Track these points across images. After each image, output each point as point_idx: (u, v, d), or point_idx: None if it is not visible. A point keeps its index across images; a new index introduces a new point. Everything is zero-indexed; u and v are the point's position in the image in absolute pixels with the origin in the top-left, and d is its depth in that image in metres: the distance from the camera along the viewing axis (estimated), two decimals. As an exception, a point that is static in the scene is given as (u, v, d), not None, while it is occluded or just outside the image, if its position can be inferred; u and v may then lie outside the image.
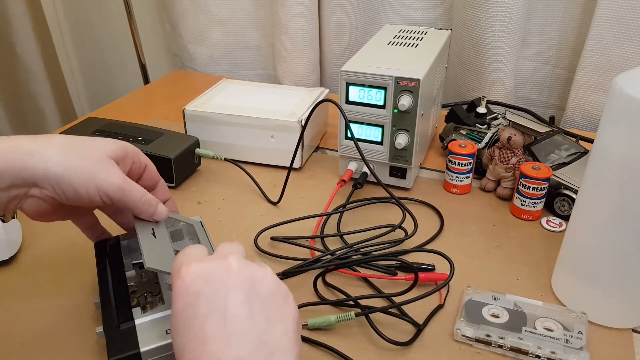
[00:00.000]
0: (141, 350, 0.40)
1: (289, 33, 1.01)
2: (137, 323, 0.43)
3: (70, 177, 0.41)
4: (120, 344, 0.41)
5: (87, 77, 1.45)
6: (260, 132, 0.74)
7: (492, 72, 0.89)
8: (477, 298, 0.51)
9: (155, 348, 0.41)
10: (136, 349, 0.40)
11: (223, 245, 0.39)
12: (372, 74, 0.63)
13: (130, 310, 0.44)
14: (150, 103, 1.02)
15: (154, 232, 0.46)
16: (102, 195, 0.43)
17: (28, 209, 0.44)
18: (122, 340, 0.41)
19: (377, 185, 0.69)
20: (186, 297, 0.34)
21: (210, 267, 0.35)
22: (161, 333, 0.42)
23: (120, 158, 0.46)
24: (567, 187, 0.63)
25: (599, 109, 0.87)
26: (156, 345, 0.41)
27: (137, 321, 0.43)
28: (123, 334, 0.42)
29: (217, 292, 0.34)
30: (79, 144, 0.44)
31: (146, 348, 0.40)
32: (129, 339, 0.41)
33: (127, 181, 0.44)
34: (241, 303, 0.34)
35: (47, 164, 0.41)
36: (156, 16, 1.25)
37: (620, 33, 0.80)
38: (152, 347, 0.41)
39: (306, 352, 0.47)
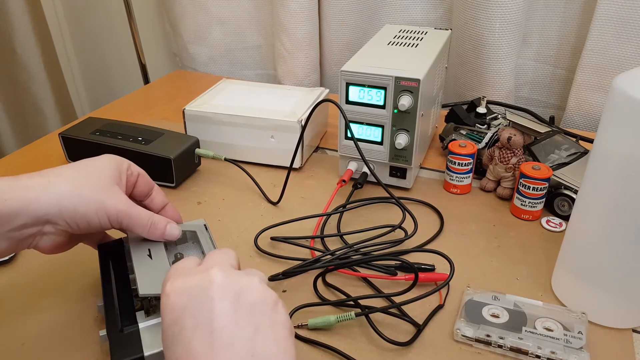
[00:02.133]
0: (145, 354, 0.40)
1: (289, 33, 1.01)
2: (141, 327, 0.42)
3: (82, 209, 0.42)
4: (124, 348, 0.41)
5: (87, 77, 1.45)
6: (260, 132, 0.74)
7: (492, 72, 0.89)
8: (477, 298, 0.51)
9: (159, 352, 0.40)
10: (140, 353, 0.40)
11: (210, 256, 0.39)
12: (372, 74, 0.63)
13: (134, 314, 0.44)
14: (150, 103, 1.02)
15: (150, 252, 0.47)
16: (113, 222, 0.44)
17: (43, 246, 0.44)
18: (125, 345, 0.41)
19: (377, 185, 0.69)
20: (172, 314, 0.34)
21: (193, 281, 0.35)
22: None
23: (118, 176, 0.46)
24: (567, 187, 0.63)
25: (599, 109, 0.87)
26: (160, 349, 0.40)
27: (141, 325, 0.43)
28: (127, 338, 0.42)
29: (201, 306, 0.33)
30: (84, 173, 0.44)
31: (150, 352, 0.40)
32: (132, 343, 0.41)
33: (133, 207, 0.45)
34: (227, 314, 0.33)
35: (59, 199, 0.41)
36: (156, 16, 1.25)
37: (620, 33, 0.80)
38: (155, 351, 0.40)
39: (306, 352, 0.47)
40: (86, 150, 0.73)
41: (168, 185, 0.71)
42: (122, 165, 0.48)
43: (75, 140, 0.74)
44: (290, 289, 0.54)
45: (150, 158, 0.69)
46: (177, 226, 0.48)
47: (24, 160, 0.80)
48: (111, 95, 1.41)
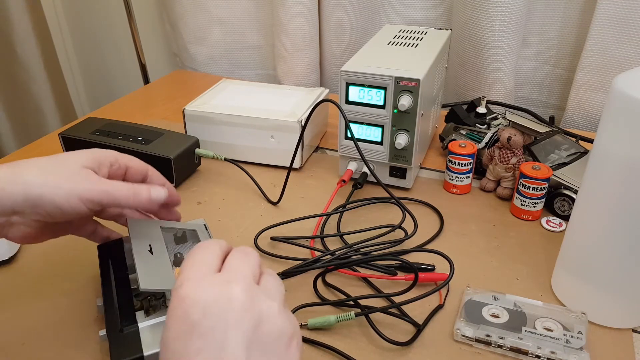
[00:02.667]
0: (145, 354, 0.40)
1: (289, 33, 1.01)
2: (140, 327, 0.42)
3: (50, 196, 0.41)
4: (124, 348, 0.41)
5: (87, 77, 1.45)
6: (260, 132, 0.74)
7: (492, 72, 0.89)
8: (477, 298, 0.51)
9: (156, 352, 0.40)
10: (139, 353, 0.40)
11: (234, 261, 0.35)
12: (372, 74, 0.63)
13: (133, 314, 0.44)
14: (150, 103, 1.02)
15: (151, 248, 0.46)
16: (87, 203, 0.42)
17: (13, 236, 0.44)
18: (125, 344, 0.41)
19: (377, 185, 0.69)
20: (180, 324, 0.31)
21: (212, 294, 0.31)
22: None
23: (96, 165, 0.45)
24: (567, 187, 0.63)
25: (599, 109, 0.87)
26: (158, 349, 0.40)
27: (140, 325, 0.42)
28: (126, 337, 0.42)
29: (214, 328, 0.30)
30: (53, 162, 0.43)
31: (150, 352, 0.40)
32: (132, 343, 0.41)
33: (107, 182, 0.43)
34: (240, 346, 0.30)
35: (25, 189, 0.40)
36: (156, 16, 1.25)
37: (620, 33, 0.80)
38: (155, 351, 0.40)
39: (306, 352, 0.47)
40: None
41: (168, 185, 0.71)
42: (104, 156, 0.46)
43: (75, 140, 0.74)
44: (290, 289, 0.54)
45: (150, 158, 0.69)
46: (161, 189, 0.47)
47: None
48: (111, 95, 1.41)
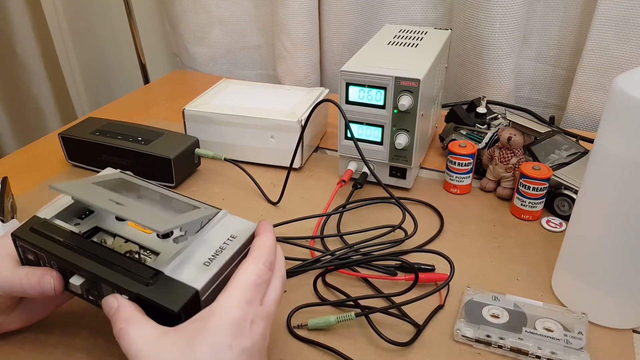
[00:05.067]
0: (198, 288, 0.37)
1: (289, 33, 1.01)
2: (167, 272, 0.39)
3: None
4: (173, 295, 0.37)
5: (87, 77, 1.45)
6: (260, 132, 0.74)
7: (492, 72, 0.89)
8: (477, 298, 0.51)
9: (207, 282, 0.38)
10: (193, 290, 0.37)
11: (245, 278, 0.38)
12: (372, 74, 0.63)
13: (146, 266, 0.39)
14: (150, 103, 1.02)
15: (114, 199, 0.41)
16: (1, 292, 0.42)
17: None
18: (170, 291, 0.37)
19: (377, 185, 0.69)
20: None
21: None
22: (201, 267, 0.39)
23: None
24: (567, 187, 0.63)
25: (599, 109, 0.87)
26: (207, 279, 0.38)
27: (166, 270, 0.39)
28: (164, 286, 0.38)
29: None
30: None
31: (202, 285, 0.37)
32: (176, 287, 0.38)
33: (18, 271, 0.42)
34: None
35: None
36: (156, 16, 1.25)
37: (621, 33, 0.80)
38: (205, 282, 0.38)
39: (306, 353, 0.47)
40: (86, 150, 0.73)
41: (168, 185, 0.71)
42: None
43: (75, 140, 0.74)
44: (290, 289, 0.54)
45: (150, 158, 0.69)
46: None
47: (24, 160, 0.80)
48: (111, 95, 1.41)
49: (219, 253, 0.41)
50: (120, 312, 0.37)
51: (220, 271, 0.40)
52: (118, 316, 0.36)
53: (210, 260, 0.40)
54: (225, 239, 0.42)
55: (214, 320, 0.35)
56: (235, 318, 0.35)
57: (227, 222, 0.44)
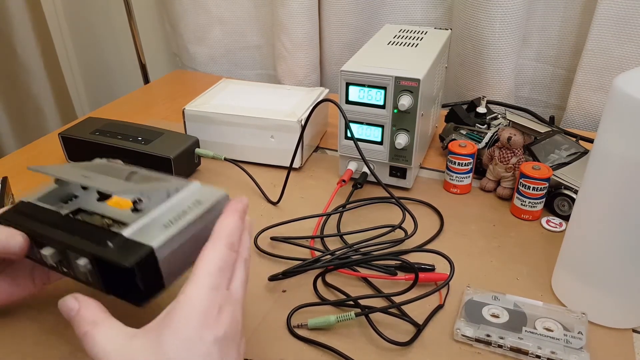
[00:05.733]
0: (154, 246, 0.37)
1: (289, 33, 1.01)
2: (127, 235, 0.38)
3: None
4: (126, 253, 0.37)
5: (87, 77, 1.45)
6: (260, 132, 0.74)
7: (492, 72, 0.89)
8: (477, 298, 0.51)
9: (165, 242, 0.38)
10: (149, 248, 0.37)
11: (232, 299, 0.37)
12: (372, 74, 0.63)
13: (108, 230, 0.40)
14: (150, 103, 1.02)
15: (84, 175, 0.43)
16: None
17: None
18: (124, 250, 0.37)
19: (377, 185, 0.69)
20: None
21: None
22: (160, 228, 0.39)
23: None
24: (567, 187, 0.63)
25: (599, 109, 0.87)
26: (166, 237, 0.38)
27: (125, 233, 0.39)
28: (119, 246, 0.37)
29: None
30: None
31: (158, 243, 0.37)
32: (131, 246, 0.37)
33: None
34: None
35: None
36: (156, 16, 1.25)
37: (621, 33, 0.80)
38: (162, 241, 0.37)
39: (306, 352, 0.47)
40: (86, 150, 0.73)
41: (168, 185, 0.71)
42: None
43: (75, 140, 0.74)
44: (290, 289, 0.54)
45: (150, 158, 0.69)
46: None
47: (24, 160, 0.80)
48: (111, 95, 1.41)
49: (181, 216, 0.40)
50: (82, 314, 0.35)
51: (181, 233, 0.39)
52: (81, 319, 0.35)
53: (171, 222, 0.40)
54: (189, 204, 0.42)
55: (180, 313, 0.33)
56: (201, 308, 0.34)
57: (197, 190, 0.44)
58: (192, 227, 0.41)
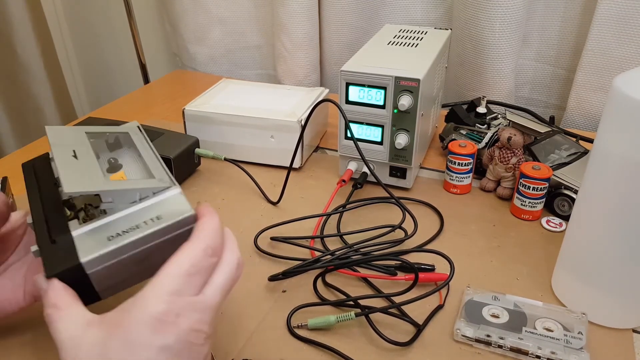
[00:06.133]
0: (82, 261, 0.36)
1: (289, 33, 1.01)
2: (74, 235, 0.38)
3: None
4: (58, 259, 0.36)
5: (87, 77, 1.45)
6: (260, 132, 0.74)
7: (492, 72, 0.89)
8: (477, 298, 0.51)
9: (96, 257, 0.36)
10: (76, 261, 0.36)
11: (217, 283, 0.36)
12: (372, 74, 0.63)
13: (65, 224, 0.39)
14: (150, 103, 1.02)
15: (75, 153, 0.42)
16: None
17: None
18: (59, 255, 0.37)
19: (377, 185, 0.69)
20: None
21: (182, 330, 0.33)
22: (102, 240, 0.37)
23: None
24: (567, 187, 0.63)
25: (599, 109, 0.87)
26: (98, 253, 0.36)
27: (74, 233, 0.38)
28: (59, 248, 0.37)
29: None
30: None
31: (87, 258, 0.36)
32: (66, 252, 0.36)
33: None
34: None
35: None
36: (156, 16, 1.25)
37: (621, 33, 0.80)
38: (93, 256, 0.36)
39: (306, 352, 0.47)
40: (86, 150, 0.73)
41: (168, 185, 0.71)
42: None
43: (75, 140, 0.74)
44: (290, 289, 0.54)
45: (150, 158, 0.69)
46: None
47: (24, 161, 0.80)
48: (111, 95, 1.41)
49: (130, 230, 0.38)
50: (48, 295, 0.35)
51: (121, 249, 0.37)
52: (47, 299, 0.35)
53: (117, 235, 0.37)
54: (148, 218, 0.39)
55: (133, 313, 0.32)
56: (155, 312, 0.32)
57: (168, 200, 0.40)
58: (138, 244, 0.38)
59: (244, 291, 0.54)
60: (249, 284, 0.55)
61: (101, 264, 0.37)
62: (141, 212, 0.39)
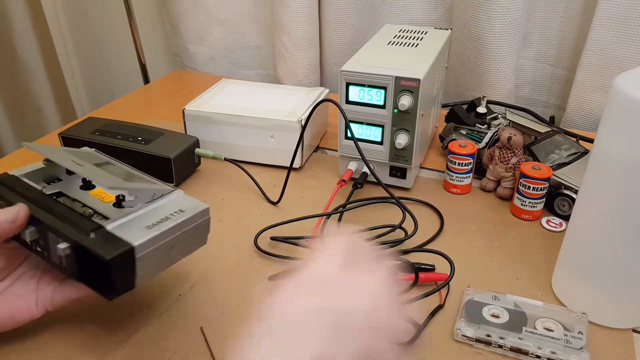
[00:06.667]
0: (134, 244, 0.38)
1: (289, 33, 1.01)
2: (109, 228, 0.40)
3: None
4: (108, 246, 0.38)
5: (87, 77, 1.45)
6: (260, 132, 0.74)
7: (492, 72, 0.89)
8: (478, 298, 0.51)
9: (145, 242, 0.39)
10: (129, 245, 0.38)
11: None
12: (372, 74, 0.63)
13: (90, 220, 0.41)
14: (150, 103, 1.02)
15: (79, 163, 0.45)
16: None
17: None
18: (106, 243, 0.39)
19: (377, 185, 0.69)
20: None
21: None
22: (142, 229, 0.41)
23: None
24: (567, 187, 0.63)
25: (599, 109, 0.87)
26: (146, 238, 0.39)
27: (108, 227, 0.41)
28: (100, 239, 0.39)
29: None
30: None
31: (139, 242, 0.39)
32: (112, 241, 0.39)
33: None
34: None
35: None
36: (156, 16, 1.25)
37: (621, 33, 0.80)
38: (143, 240, 0.39)
39: (306, 352, 0.47)
40: (86, 150, 0.73)
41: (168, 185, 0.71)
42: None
43: (75, 140, 0.74)
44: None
45: (150, 158, 0.69)
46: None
47: (24, 160, 0.80)
48: (111, 95, 1.41)
49: (163, 221, 0.42)
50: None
51: (160, 236, 0.41)
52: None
53: (154, 225, 0.42)
54: (172, 212, 0.44)
55: None
56: None
57: (179, 199, 0.46)
58: (170, 233, 0.42)
59: (244, 291, 0.54)
60: (249, 284, 0.55)
61: (146, 249, 0.40)
62: (163, 207, 0.44)
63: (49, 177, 0.48)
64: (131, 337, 0.48)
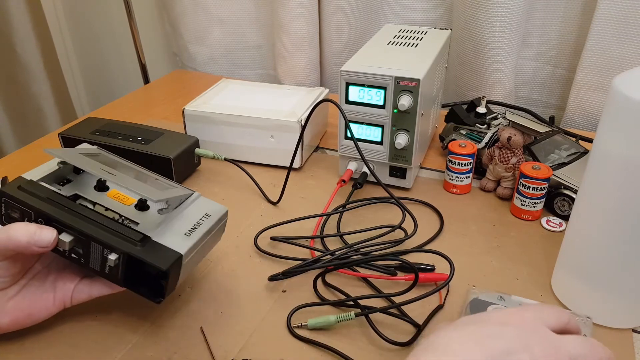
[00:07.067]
0: (182, 252, 0.41)
1: (289, 33, 1.01)
2: (153, 237, 0.43)
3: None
4: (160, 256, 0.41)
5: (87, 77, 1.45)
6: (260, 132, 0.74)
7: (492, 72, 0.89)
8: (483, 297, 0.51)
9: (189, 248, 0.42)
10: (178, 254, 0.41)
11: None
12: (372, 74, 0.63)
13: (134, 230, 0.43)
14: (150, 103, 1.02)
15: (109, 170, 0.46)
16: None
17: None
18: (157, 253, 0.41)
19: (377, 185, 0.69)
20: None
21: None
22: (182, 236, 0.43)
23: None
24: (567, 187, 0.63)
25: (599, 109, 0.87)
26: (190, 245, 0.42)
27: (153, 236, 0.43)
28: (150, 249, 0.42)
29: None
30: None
31: (185, 249, 0.42)
32: (159, 250, 0.41)
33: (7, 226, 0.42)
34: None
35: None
36: (156, 16, 1.25)
37: (621, 33, 0.80)
38: (188, 247, 0.42)
39: (306, 352, 0.47)
40: (86, 150, 0.73)
41: (168, 185, 0.71)
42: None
43: (75, 140, 0.74)
44: (290, 289, 0.54)
45: (150, 158, 0.69)
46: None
47: (24, 160, 0.80)
48: (111, 95, 1.41)
49: (197, 226, 0.45)
50: None
51: (198, 241, 0.44)
52: None
53: (190, 231, 0.45)
54: (201, 216, 0.47)
55: None
56: None
57: (201, 203, 0.49)
58: (204, 238, 0.45)
59: (244, 291, 0.54)
60: (249, 284, 0.55)
61: (189, 255, 0.43)
62: (190, 212, 0.47)
63: (59, 178, 0.49)
64: (131, 337, 0.48)
